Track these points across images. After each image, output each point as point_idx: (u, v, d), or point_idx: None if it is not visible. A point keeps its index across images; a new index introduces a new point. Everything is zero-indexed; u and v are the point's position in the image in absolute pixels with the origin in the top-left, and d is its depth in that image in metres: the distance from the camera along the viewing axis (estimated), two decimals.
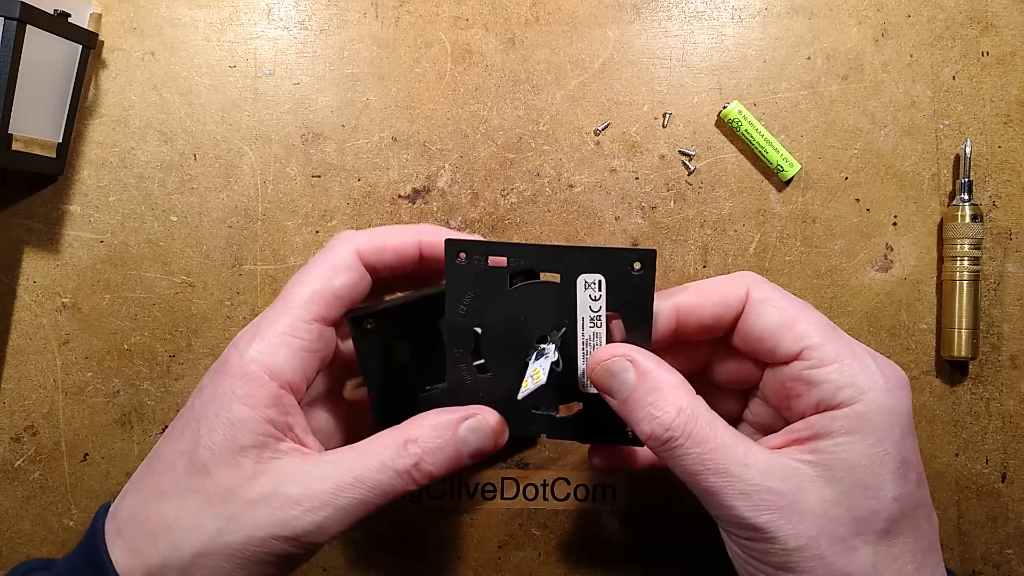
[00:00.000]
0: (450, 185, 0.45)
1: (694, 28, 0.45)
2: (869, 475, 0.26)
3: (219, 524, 0.27)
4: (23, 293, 0.45)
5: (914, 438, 0.27)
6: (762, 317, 0.29)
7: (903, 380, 0.28)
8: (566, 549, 0.45)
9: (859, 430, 0.26)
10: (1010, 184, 0.45)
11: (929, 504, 0.28)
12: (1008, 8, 0.45)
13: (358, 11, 0.46)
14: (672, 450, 0.27)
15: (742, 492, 0.26)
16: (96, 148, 0.45)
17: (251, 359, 0.28)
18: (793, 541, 0.26)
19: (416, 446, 0.28)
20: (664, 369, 0.28)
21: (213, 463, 0.27)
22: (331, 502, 0.27)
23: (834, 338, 0.28)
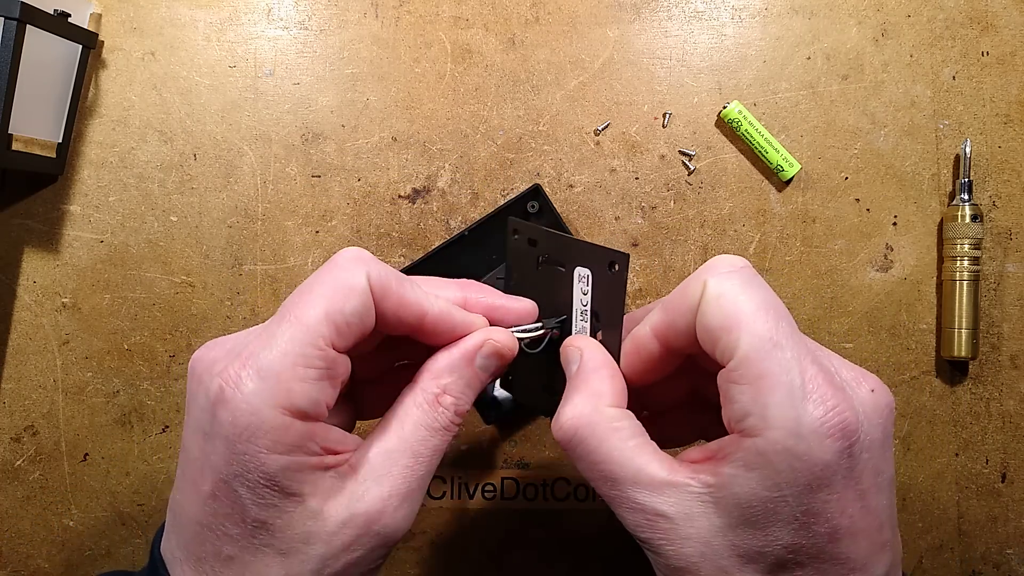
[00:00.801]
0: (450, 185, 0.45)
1: (694, 28, 0.45)
2: (760, 517, 0.23)
3: (313, 566, 0.25)
4: (23, 293, 0.45)
5: (842, 488, 0.23)
6: (705, 315, 0.25)
7: (837, 427, 0.23)
8: (566, 549, 0.45)
9: (755, 466, 0.23)
10: (1010, 184, 0.45)
11: (858, 559, 0.24)
12: (1008, 8, 0.45)
13: (358, 11, 0.46)
14: (568, 452, 0.27)
15: (629, 508, 0.26)
16: (96, 148, 0.45)
17: (263, 403, 0.24)
18: (675, 561, 0.25)
19: (446, 396, 0.28)
20: (600, 373, 0.28)
21: (271, 518, 0.25)
22: (404, 489, 0.26)
23: (766, 356, 0.24)
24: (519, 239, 0.34)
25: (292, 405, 0.24)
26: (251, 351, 0.25)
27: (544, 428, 0.45)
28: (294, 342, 0.24)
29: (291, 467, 0.24)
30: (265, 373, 0.24)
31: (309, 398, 0.24)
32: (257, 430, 0.24)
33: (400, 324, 0.27)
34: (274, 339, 0.25)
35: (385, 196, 0.45)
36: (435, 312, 0.28)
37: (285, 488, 0.24)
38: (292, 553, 0.25)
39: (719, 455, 0.25)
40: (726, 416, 0.25)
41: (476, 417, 0.45)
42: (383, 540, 0.26)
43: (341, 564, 0.25)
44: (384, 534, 0.26)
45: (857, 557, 0.24)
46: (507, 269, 0.35)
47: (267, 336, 0.25)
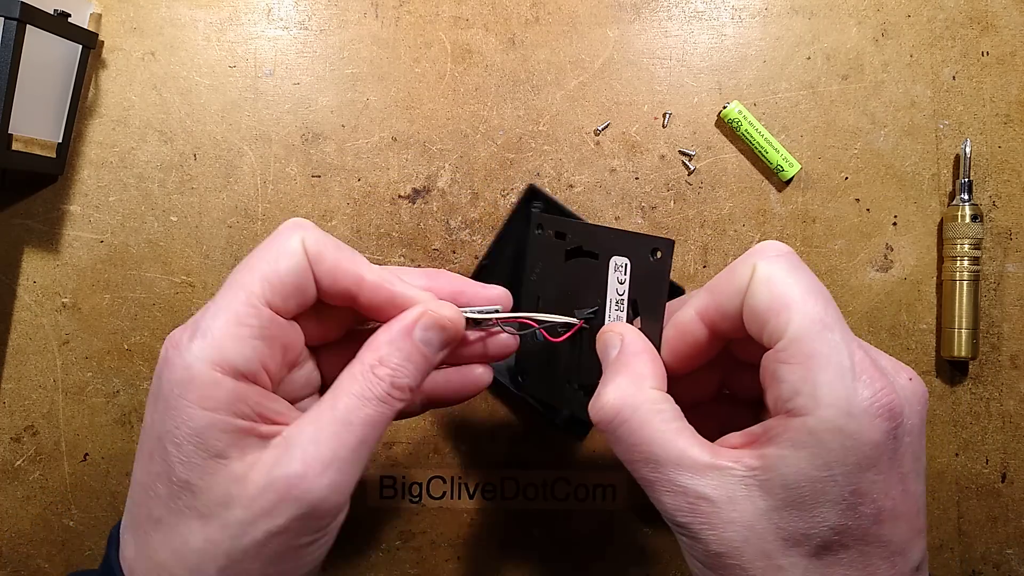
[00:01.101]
0: (450, 185, 0.45)
1: (694, 28, 0.45)
2: (807, 498, 0.23)
3: (232, 532, 0.25)
4: (23, 293, 0.45)
5: (887, 469, 0.24)
6: (754, 296, 0.26)
7: (885, 407, 0.23)
8: (566, 549, 0.45)
9: (805, 445, 0.23)
10: (1010, 184, 0.45)
11: (899, 542, 0.24)
12: (1008, 8, 0.45)
13: (358, 11, 0.46)
14: (606, 433, 0.27)
15: (669, 491, 0.25)
16: (96, 148, 0.45)
17: (195, 358, 0.25)
18: (715, 547, 0.25)
19: (382, 367, 0.27)
20: (642, 357, 0.28)
21: (194, 478, 0.25)
22: (331, 459, 0.25)
23: (816, 337, 0.24)
24: (543, 233, 0.34)
25: (224, 361, 0.25)
26: (196, 317, 0.26)
27: (544, 428, 0.45)
28: (230, 302, 0.26)
29: (217, 425, 0.25)
30: (202, 332, 0.25)
31: (242, 355, 0.25)
32: (188, 384, 0.24)
33: (338, 290, 0.28)
34: (215, 303, 0.26)
35: (385, 196, 0.45)
36: (372, 279, 0.28)
37: (210, 447, 0.25)
38: (212, 517, 0.25)
39: (763, 438, 0.25)
40: (772, 397, 0.25)
41: (475, 417, 0.45)
42: (306, 508, 0.25)
43: (261, 532, 0.25)
44: (306, 500, 0.25)
45: (898, 541, 0.24)
46: (528, 264, 0.35)
47: (212, 302, 0.26)
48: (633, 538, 0.44)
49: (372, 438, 0.26)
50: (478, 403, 0.45)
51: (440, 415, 0.45)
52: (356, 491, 0.38)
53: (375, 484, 0.45)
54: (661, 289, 0.30)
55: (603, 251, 0.32)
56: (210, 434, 0.25)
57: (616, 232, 0.32)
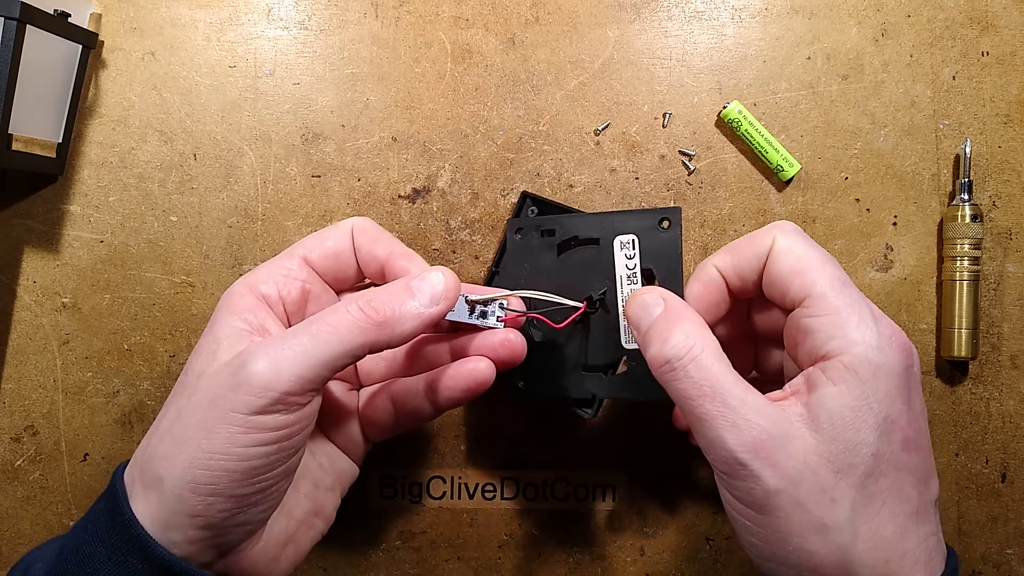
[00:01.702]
0: (450, 185, 0.45)
1: (694, 28, 0.45)
2: (850, 426, 0.26)
3: (190, 399, 0.29)
4: (23, 293, 0.45)
5: (907, 401, 0.27)
6: (777, 263, 0.30)
7: (902, 344, 0.28)
8: (566, 549, 0.45)
9: (843, 380, 0.27)
10: (1010, 184, 0.45)
11: (922, 472, 0.27)
12: (1008, 8, 0.45)
13: (358, 11, 0.46)
14: (674, 371, 0.28)
15: (733, 424, 0.27)
16: (96, 148, 0.45)
17: (240, 281, 0.33)
18: (774, 483, 0.26)
19: (371, 293, 0.30)
20: (690, 311, 0.30)
21: (194, 359, 0.31)
22: (279, 345, 0.28)
23: (839, 292, 0.28)
24: (524, 237, 0.36)
25: (251, 282, 0.32)
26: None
27: (544, 427, 0.45)
28: (280, 256, 0.34)
29: (227, 321, 0.31)
30: (250, 271, 0.34)
31: (263, 281, 0.32)
32: (227, 295, 0.32)
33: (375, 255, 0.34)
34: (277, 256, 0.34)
35: (385, 196, 0.45)
36: (399, 250, 0.34)
37: (217, 337, 0.30)
38: (185, 386, 0.30)
39: (803, 388, 0.28)
40: (805, 350, 0.29)
41: (475, 417, 0.45)
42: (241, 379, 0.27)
43: (206, 399, 0.28)
44: (242, 372, 0.27)
45: (920, 470, 0.28)
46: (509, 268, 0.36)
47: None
48: (633, 538, 0.44)
49: (328, 340, 0.28)
50: (478, 403, 0.45)
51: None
52: (356, 491, 0.39)
53: (375, 484, 0.45)
54: (676, 255, 0.33)
55: (605, 234, 0.34)
56: (219, 329, 0.31)
57: (619, 214, 0.34)
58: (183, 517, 0.28)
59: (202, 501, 0.27)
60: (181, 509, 0.27)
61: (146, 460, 0.29)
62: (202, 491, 0.27)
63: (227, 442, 0.27)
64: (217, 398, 0.27)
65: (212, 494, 0.27)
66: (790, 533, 0.26)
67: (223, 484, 0.27)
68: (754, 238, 0.31)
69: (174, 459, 0.28)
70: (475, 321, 0.33)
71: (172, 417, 0.29)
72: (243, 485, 0.28)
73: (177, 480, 0.27)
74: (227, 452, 0.27)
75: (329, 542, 0.45)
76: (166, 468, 0.28)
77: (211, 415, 0.27)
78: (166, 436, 0.29)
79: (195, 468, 0.27)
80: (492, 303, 0.33)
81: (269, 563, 0.31)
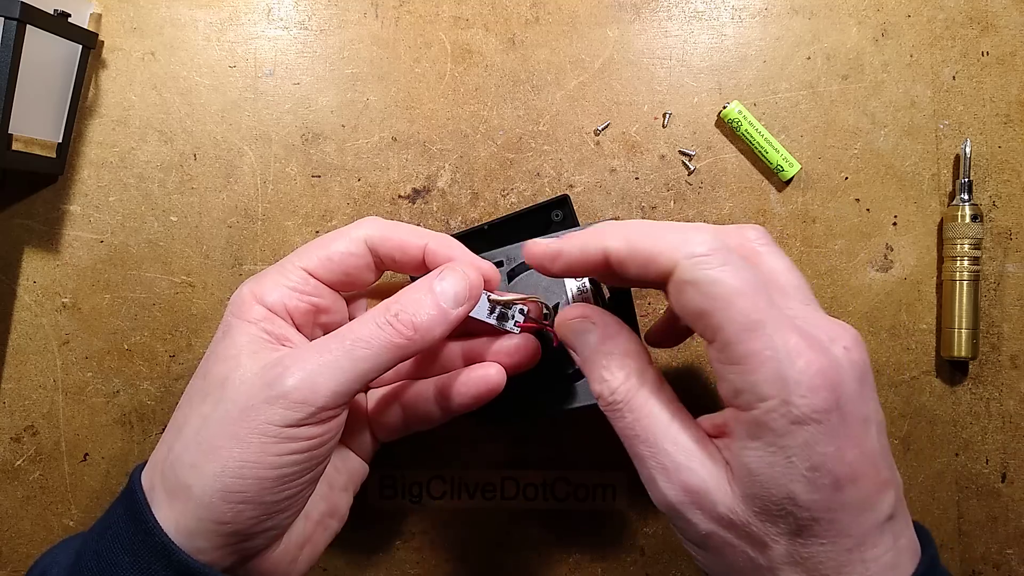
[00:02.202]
0: (450, 185, 0.45)
1: (694, 28, 0.45)
2: (771, 483, 0.25)
3: (217, 408, 0.28)
4: (23, 293, 0.45)
5: (836, 438, 0.25)
6: (680, 298, 0.27)
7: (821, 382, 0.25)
8: (566, 549, 0.45)
9: (758, 437, 0.25)
10: (1010, 184, 0.45)
11: (863, 500, 0.26)
12: (1008, 8, 0.45)
13: (358, 11, 0.46)
14: (612, 412, 0.29)
15: (664, 468, 0.27)
16: (96, 148, 0.45)
17: (247, 290, 0.32)
18: (703, 526, 0.27)
19: (396, 302, 0.30)
20: (623, 335, 0.30)
21: (211, 365, 0.30)
22: (315, 358, 0.28)
23: (748, 338, 0.25)
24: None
25: (259, 293, 0.32)
26: (267, 269, 0.33)
27: (543, 427, 0.45)
28: (285, 263, 0.33)
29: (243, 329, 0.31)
30: (258, 275, 0.33)
31: (272, 294, 0.32)
32: (235, 304, 0.32)
33: (408, 259, 0.33)
34: (283, 260, 0.33)
35: (385, 196, 0.45)
36: (434, 247, 0.33)
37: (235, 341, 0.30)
38: (209, 395, 0.29)
39: (724, 431, 0.27)
40: (721, 392, 0.27)
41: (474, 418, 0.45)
42: (277, 392, 0.28)
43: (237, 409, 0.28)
44: (278, 385, 0.28)
45: (862, 499, 0.26)
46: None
47: (283, 259, 0.33)
48: (633, 538, 0.44)
49: (362, 355, 0.29)
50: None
51: None
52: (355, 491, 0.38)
53: (375, 484, 0.45)
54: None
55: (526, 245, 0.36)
56: (235, 336, 0.30)
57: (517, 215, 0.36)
58: (211, 524, 0.28)
59: (232, 508, 0.28)
60: (209, 516, 0.28)
61: (169, 467, 0.29)
62: (233, 499, 0.28)
63: (260, 451, 0.28)
64: (250, 408, 0.28)
65: (243, 501, 0.28)
66: (731, 568, 0.27)
67: (254, 492, 0.28)
68: (657, 247, 0.27)
69: (203, 467, 0.28)
70: (493, 322, 0.33)
71: (197, 425, 0.29)
72: (273, 492, 0.28)
73: (207, 487, 0.28)
74: (260, 461, 0.28)
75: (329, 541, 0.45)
76: (195, 476, 0.28)
77: (244, 425, 0.28)
78: (192, 443, 0.29)
79: (226, 476, 0.27)
80: (513, 307, 0.33)
81: (288, 565, 0.32)
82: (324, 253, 0.33)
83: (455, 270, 0.31)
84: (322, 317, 0.33)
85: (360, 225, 0.34)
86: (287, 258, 0.33)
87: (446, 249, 0.33)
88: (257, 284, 0.32)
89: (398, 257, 0.33)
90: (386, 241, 0.33)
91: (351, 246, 0.33)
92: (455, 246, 0.33)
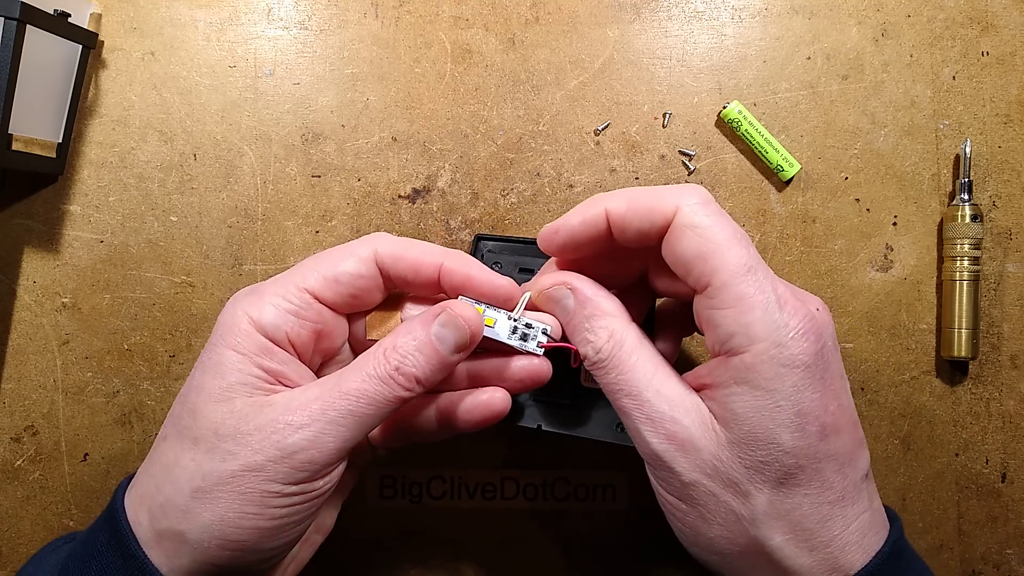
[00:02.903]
0: (450, 185, 0.45)
1: (694, 28, 0.45)
2: (759, 427, 0.25)
3: (215, 458, 0.27)
4: (23, 293, 0.45)
5: (821, 387, 0.26)
6: (679, 243, 0.27)
7: (810, 330, 0.26)
8: (566, 549, 0.45)
9: (747, 381, 0.26)
10: (1010, 184, 0.45)
11: (845, 453, 0.26)
12: (1008, 8, 0.45)
13: (358, 11, 0.46)
14: (599, 371, 0.29)
15: (648, 417, 0.27)
16: (96, 148, 0.45)
17: (242, 311, 0.29)
18: (687, 475, 0.27)
19: (395, 352, 0.29)
20: (601, 296, 0.30)
21: (202, 403, 0.28)
22: (320, 416, 0.27)
23: (742, 281, 0.26)
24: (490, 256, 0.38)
25: (258, 319, 0.29)
26: (263, 283, 0.31)
27: None
28: (287, 281, 0.30)
29: (237, 365, 0.29)
30: (258, 294, 0.30)
31: (272, 320, 0.29)
32: (230, 328, 0.29)
33: (422, 280, 0.31)
34: (281, 277, 0.31)
35: (385, 196, 0.45)
36: (449, 266, 0.31)
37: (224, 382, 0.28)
38: (202, 440, 0.28)
39: (711, 381, 0.27)
40: (710, 341, 0.28)
41: None
42: (283, 451, 0.27)
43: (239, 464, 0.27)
44: (284, 444, 0.27)
45: (844, 452, 0.26)
46: None
47: (280, 275, 0.31)
48: (633, 538, 0.44)
49: (365, 413, 0.28)
50: None
51: None
52: (356, 491, 0.39)
53: (375, 484, 0.45)
54: None
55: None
56: (229, 368, 0.29)
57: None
58: (206, 565, 0.28)
59: (229, 555, 0.27)
60: (205, 559, 0.27)
61: (159, 508, 0.28)
62: (230, 547, 0.27)
63: (261, 505, 0.27)
64: (254, 465, 0.27)
65: (240, 548, 0.27)
66: (709, 522, 0.27)
67: (253, 540, 0.27)
68: (657, 198, 0.28)
69: (199, 516, 0.27)
70: (515, 344, 0.31)
71: (190, 469, 0.28)
72: (272, 540, 0.28)
73: (202, 534, 0.27)
74: (261, 514, 0.27)
75: (329, 542, 0.45)
76: (188, 522, 0.27)
77: (246, 482, 0.27)
78: (185, 489, 0.27)
79: (225, 526, 0.27)
80: (535, 326, 0.31)
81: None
82: (331, 273, 0.30)
83: (455, 320, 0.29)
84: (323, 343, 0.32)
85: (368, 242, 0.31)
86: (288, 274, 0.31)
87: (464, 268, 0.31)
88: (254, 306, 0.29)
89: (411, 278, 0.31)
90: (399, 262, 0.31)
91: (361, 267, 0.31)
92: (472, 264, 0.31)
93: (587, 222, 0.30)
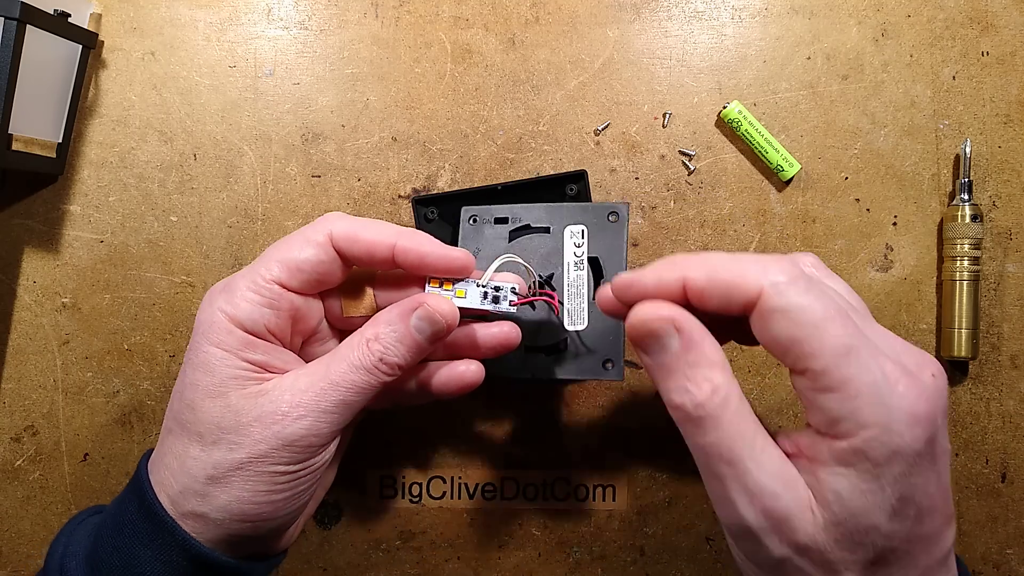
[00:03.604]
0: (450, 185, 0.45)
1: (694, 28, 0.45)
2: (859, 511, 0.25)
3: (221, 449, 0.30)
4: (23, 293, 0.45)
5: (926, 471, 0.25)
6: (769, 327, 0.26)
7: (922, 415, 0.24)
8: (566, 549, 0.45)
9: (854, 464, 0.24)
10: (1010, 184, 0.45)
11: (935, 532, 0.26)
12: (1008, 8, 0.45)
13: (358, 11, 0.46)
14: (692, 427, 0.27)
15: (746, 490, 0.26)
16: (96, 148, 0.45)
17: (219, 309, 0.31)
18: (778, 551, 0.26)
19: (377, 343, 0.31)
20: (708, 343, 0.27)
21: (199, 400, 0.31)
22: (314, 407, 0.30)
23: (844, 363, 0.24)
24: (477, 224, 0.39)
25: (235, 316, 0.31)
26: (233, 276, 0.32)
27: (543, 428, 0.45)
28: (253, 273, 0.31)
29: (225, 362, 0.30)
30: (230, 290, 0.31)
31: (250, 317, 0.31)
32: (210, 327, 0.31)
33: (378, 259, 0.32)
34: (247, 270, 0.32)
35: (385, 196, 0.45)
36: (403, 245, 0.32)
37: (215, 379, 0.30)
38: (207, 435, 0.30)
39: (811, 455, 0.26)
40: (813, 421, 0.26)
41: (475, 417, 0.45)
42: (284, 441, 0.30)
43: (244, 454, 0.30)
44: (285, 435, 0.30)
45: (934, 532, 0.26)
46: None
47: (247, 268, 0.32)
48: (633, 538, 0.44)
49: (354, 400, 0.31)
50: (477, 403, 0.45)
51: (440, 415, 0.45)
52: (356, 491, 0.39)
53: (375, 484, 0.45)
54: (621, 245, 0.37)
55: (556, 224, 0.38)
56: (219, 365, 0.30)
57: (570, 206, 0.38)
58: (230, 536, 0.31)
59: (249, 526, 0.31)
60: (228, 531, 0.31)
61: (180, 496, 0.31)
62: (250, 518, 0.31)
63: (271, 483, 0.30)
64: (258, 453, 0.30)
65: (258, 519, 0.31)
66: None
67: (268, 511, 0.31)
68: (740, 275, 0.26)
69: (216, 498, 0.30)
70: (488, 307, 0.34)
71: (201, 461, 0.30)
72: (286, 508, 0.31)
73: (222, 513, 0.30)
74: (271, 490, 0.30)
75: (329, 542, 0.45)
76: (208, 505, 0.30)
77: (253, 468, 0.30)
78: (200, 478, 0.30)
79: (242, 504, 0.30)
80: (504, 288, 0.34)
81: (287, 539, 0.35)
82: (292, 263, 0.32)
83: (431, 315, 0.32)
84: (300, 324, 0.34)
85: (322, 226, 0.32)
86: (254, 266, 0.32)
87: (417, 247, 0.32)
88: (229, 303, 0.31)
89: (366, 260, 0.32)
90: (353, 244, 0.32)
91: (320, 253, 0.32)
92: (424, 242, 0.32)
93: (662, 287, 0.28)
